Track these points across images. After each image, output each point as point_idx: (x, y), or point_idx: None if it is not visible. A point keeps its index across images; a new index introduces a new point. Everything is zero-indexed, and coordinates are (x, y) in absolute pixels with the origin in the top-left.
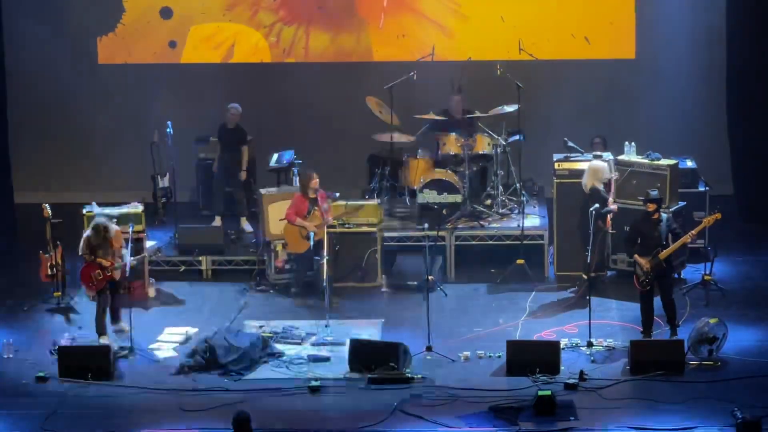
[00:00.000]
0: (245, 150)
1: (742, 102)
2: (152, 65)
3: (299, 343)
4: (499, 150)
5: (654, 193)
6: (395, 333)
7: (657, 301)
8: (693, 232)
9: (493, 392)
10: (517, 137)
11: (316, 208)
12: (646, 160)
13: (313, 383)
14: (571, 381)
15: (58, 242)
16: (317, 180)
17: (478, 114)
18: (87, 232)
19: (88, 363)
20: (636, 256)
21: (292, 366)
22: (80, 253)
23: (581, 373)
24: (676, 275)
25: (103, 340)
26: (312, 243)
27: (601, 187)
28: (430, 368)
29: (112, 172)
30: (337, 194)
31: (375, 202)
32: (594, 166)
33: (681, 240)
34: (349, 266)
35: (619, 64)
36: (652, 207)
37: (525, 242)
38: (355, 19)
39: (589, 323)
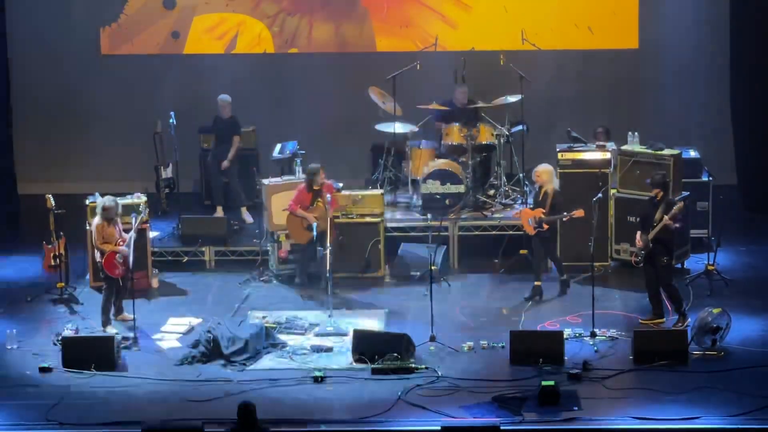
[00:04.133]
0: (237, 140)
1: (746, 91)
2: (155, 56)
3: (302, 334)
4: (502, 140)
5: (657, 176)
6: (399, 323)
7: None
8: (666, 217)
9: (496, 382)
10: (520, 127)
11: (319, 199)
12: (649, 150)
13: (317, 373)
14: (575, 371)
15: (61, 233)
16: (323, 173)
17: (481, 104)
18: (97, 219)
19: (91, 353)
20: (638, 233)
21: (296, 356)
22: (95, 243)
23: (585, 363)
24: (678, 265)
25: (110, 330)
26: (315, 234)
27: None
28: (433, 358)
29: (116, 162)
30: (340, 184)
31: (378, 192)
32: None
33: (661, 224)
34: (352, 257)
35: (623, 54)
36: (655, 191)
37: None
38: (358, 10)
39: (593, 313)
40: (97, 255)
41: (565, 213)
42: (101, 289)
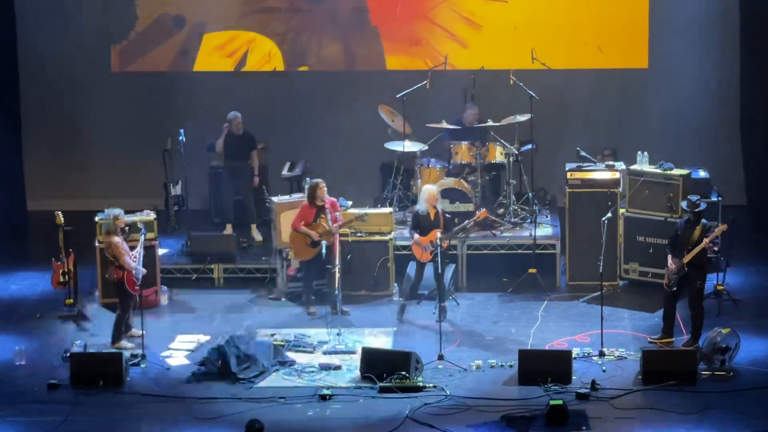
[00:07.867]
0: (255, 155)
1: (756, 111)
2: (165, 73)
3: (311, 352)
4: (511, 159)
5: (693, 198)
6: (407, 341)
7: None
8: (707, 239)
9: (504, 401)
10: (529, 146)
11: (322, 216)
12: (658, 170)
13: (325, 391)
14: (583, 390)
15: (70, 249)
16: (324, 188)
17: (490, 123)
18: (114, 236)
19: (99, 370)
20: (669, 256)
21: (304, 374)
22: (121, 260)
23: (593, 382)
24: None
25: (125, 345)
26: (324, 251)
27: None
28: (441, 377)
29: (125, 179)
30: (349, 202)
31: (387, 210)
32: (429, 189)
33: (699, 246)
34: (361, 275)
35: (632, 73)
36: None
37: (537, 251)
38: (368, 28)
39: (601, 333)
40: (112, 272)
41: (467, 220)
42: (110, 305)
